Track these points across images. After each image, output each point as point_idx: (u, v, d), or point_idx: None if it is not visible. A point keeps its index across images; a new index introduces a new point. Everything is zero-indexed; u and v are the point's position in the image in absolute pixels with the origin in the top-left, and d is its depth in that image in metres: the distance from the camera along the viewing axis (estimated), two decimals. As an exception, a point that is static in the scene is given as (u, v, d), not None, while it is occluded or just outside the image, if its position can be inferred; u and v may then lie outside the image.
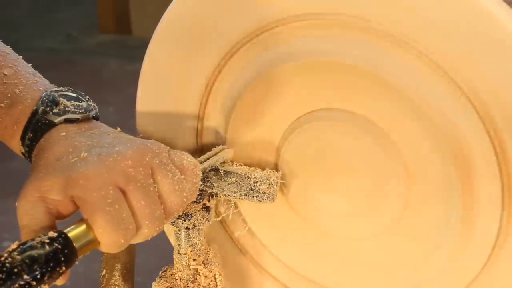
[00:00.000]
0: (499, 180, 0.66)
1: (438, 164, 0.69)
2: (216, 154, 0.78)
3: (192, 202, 0.75)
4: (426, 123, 0.68)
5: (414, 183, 0.71)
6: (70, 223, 0.65)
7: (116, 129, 0.74)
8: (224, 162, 0.79)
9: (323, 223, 0.78)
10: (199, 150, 0.83)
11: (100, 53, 3.99)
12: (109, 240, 0.65)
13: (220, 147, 0.79)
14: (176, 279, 0.79)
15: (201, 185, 0.74)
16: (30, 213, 0.65)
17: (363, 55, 0.69)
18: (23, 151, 0.73)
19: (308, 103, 0.75)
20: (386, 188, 0.73)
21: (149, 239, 0.69)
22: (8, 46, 0.79)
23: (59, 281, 0.64)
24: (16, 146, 0.74)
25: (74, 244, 0.63)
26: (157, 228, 0.68)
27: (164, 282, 0.79)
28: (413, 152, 0.70)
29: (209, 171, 0.77)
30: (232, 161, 0.80)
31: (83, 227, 0.65)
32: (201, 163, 0.75)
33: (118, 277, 0.84)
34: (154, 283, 0.80)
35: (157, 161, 0.68)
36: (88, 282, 1.03)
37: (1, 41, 0.79)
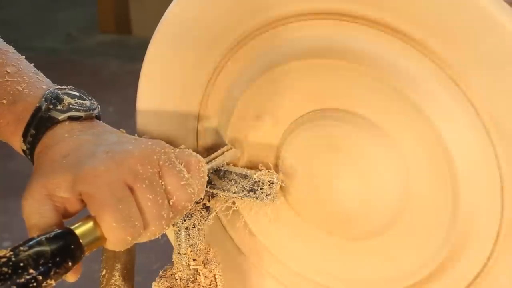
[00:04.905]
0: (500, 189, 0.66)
1: (437, 165, 0.69)
2: (222, 154, 0.78)
3: (192, 201, 0.75)
4: (427, 125, 0.68)
5: (415, 183, 0.71)
6: (77, 220, 0.66)
7: (120, 130, 0.74)
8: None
9: (323, 223, 0.78)
10: (199, 150, 0.83)
11: (100, 53, 3.99)
12: (116, 238, 0.65)
13: (226, 147, 0.79)
14: (176, 279, 0.79)
15: (201, 184, 0.74)
16: (39, 211, 0.66)
17: (365, 56, 0.69)
18: (24, 148, 0.73)
19: (308, 103, 0.75)
20: (387, 188, 0.73)
21: (152, 238, 0.69)
22: (11, 46, 0.79)
23: (71, 278, 0.65)
24: (17, 143, 0.74)
25: (80, 240, 0.63)
26: (165, 227, 0.68)
27: (164, 282, 0.79)
28: (414, 153, 0.70)
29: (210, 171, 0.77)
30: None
31: (90, 224, 0.65)
32: (207, 163, 0.75)
33: (118, 277, 0.84)
34: (154, 283, 0.80)
35: (164, 159, 0.69)
36: (88, 282, 1.03)
37: (4, 41, 0.80)
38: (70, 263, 0.62)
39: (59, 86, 0.76)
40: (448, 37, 0.64)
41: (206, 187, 0.76)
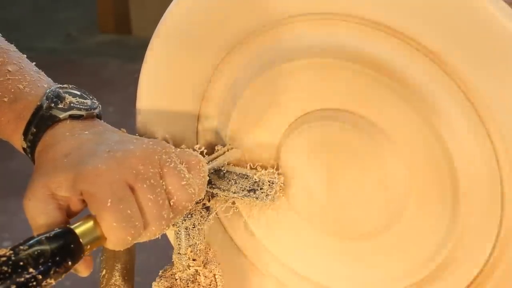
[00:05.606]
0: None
1: (437, 166, 0.69)
2: (223, 154, 0.78)
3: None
4: (427, 125, 0.68)
5: (415, 184, 0.71)
6: (78, 220, 0.66)
7: (120, 129, 0.74)
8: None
9: (322, 223, 0.78)
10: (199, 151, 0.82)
11: (100, 53, 3.99)
12: (116, 238, 0.65)
13: (227, 147, 0.79)
14: (176, 279, 0.79)
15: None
16: (44, 212, 0.66)
17: (365, 56, 0.69)
18: (25, 146, 0.73)
19: (309, 103, 0.75)
20: (387, 188, 0.73)
21: (152, 238, 0.69)
22: (12, 45, 0.79)
23: (84, 272, 0.66)
24: (18, 141, 0.74)
25: (80, 240, 0.64)
26: (165, 227, 0.68)
27: (164, 282, 0.79)
28: (414, 154, 0.70)
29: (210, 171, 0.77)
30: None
31: (90, 223, 0.65)
32: (208, 163, 0.75)
33: (118, 277, 0.84)
34: (154, 283, 0.80)
35: (165, 159, 0.69)
36: (88, 282, 1.03)
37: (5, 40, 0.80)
38: (70, 263, 0.62)
39: (60, 85, 0.76)
40: (448, 37, 0.64)
41: (206, 187, 0.76)
